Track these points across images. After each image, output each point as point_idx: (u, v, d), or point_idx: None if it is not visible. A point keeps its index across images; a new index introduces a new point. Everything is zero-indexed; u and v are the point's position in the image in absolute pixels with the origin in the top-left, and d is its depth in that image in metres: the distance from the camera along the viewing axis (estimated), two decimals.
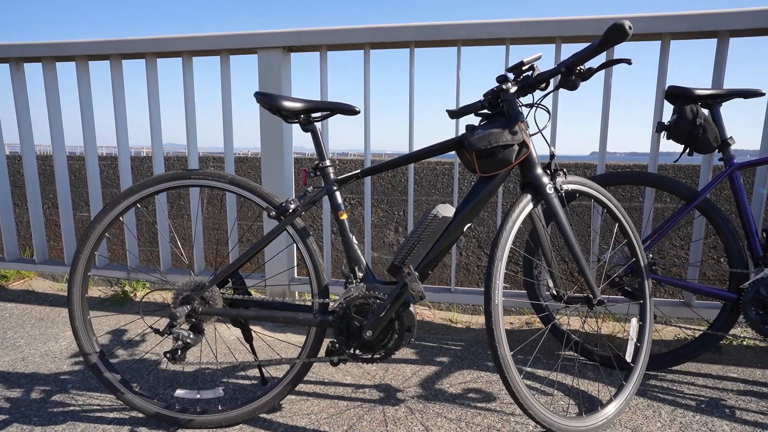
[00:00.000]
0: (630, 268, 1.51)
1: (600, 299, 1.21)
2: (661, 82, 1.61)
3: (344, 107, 1.21)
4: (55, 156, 2.12)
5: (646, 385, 1.44)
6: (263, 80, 1.82)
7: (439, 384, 1.44)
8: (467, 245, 2.73)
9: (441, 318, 2.00)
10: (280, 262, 1.92)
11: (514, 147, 1.12)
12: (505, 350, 1.07)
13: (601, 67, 1.11)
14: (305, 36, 1.74)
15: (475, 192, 1.17)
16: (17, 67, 2.07)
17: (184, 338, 1.12)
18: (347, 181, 1.19)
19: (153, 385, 1.42)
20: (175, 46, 1.87)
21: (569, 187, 1.22)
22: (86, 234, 1.21)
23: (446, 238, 1.16)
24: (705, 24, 1.52)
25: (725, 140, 1.47)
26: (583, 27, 1.55)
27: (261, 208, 1.20)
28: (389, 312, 1.12)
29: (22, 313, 1.99)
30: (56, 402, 1.32)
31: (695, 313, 1.67)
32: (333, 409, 1.30)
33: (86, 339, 1.22)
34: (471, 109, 1.22)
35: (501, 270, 1.10)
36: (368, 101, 1.76)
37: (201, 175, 1.20)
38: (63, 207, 2.15)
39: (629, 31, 0.97)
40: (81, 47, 1.95)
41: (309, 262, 1.19)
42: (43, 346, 1.68)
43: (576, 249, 1.19)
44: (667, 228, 1.54)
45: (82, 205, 3.44)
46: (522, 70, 1.17)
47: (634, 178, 1.58)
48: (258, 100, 1.19)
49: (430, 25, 1.65)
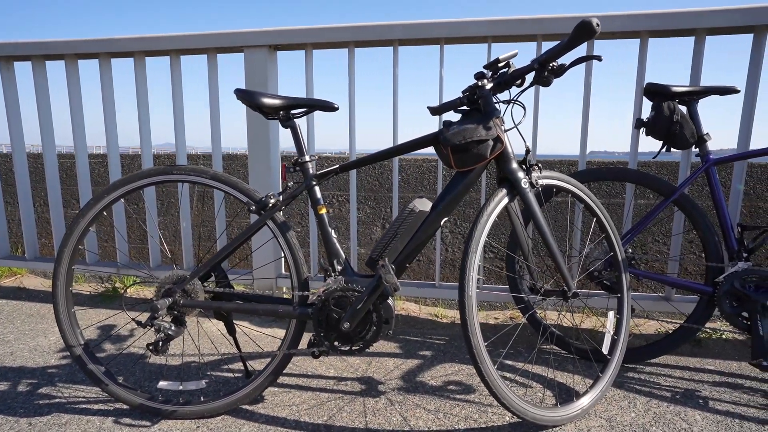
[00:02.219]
0: (608, 262, 1.53)
1: (575, 292, 1.24)
2: (640, 79, 1.63)
3: (323, 104, 1.23)
4: (45, 154, 2.14)
5: (623, 377, 1.47)
6: (250, 78, 1.84)
7: (421, 377, 1.46)
8: (452, 241, 2.76)
9: (426, 313, 2.02)
10: (267, 258, 1.94)
11: (489, 142, 1.14)
12: (478, 340, 1.10)
13: (572, 63, 1.13)
14: (290, 35, 1.76)
15: (451, 187, 1.20)
16: (7, 65, 2.09)
17: (165, 330, 1.14)
18: (326, 176, 1.22)
19: (139, 378, 1.44)
20: (162, 44, 1.89)
21: (545, 182, 1.25)
22: (70, 228, 1.23)
23: (423, 232, 1.19)
24: (682, 22, 1.55)
25: (702, 136, 1.50)
26: (563, 24, 1.57)
27: (242, 203, 1.22)
28: (366, 304, 1.14)
29: (13, 310, 2.01)
30: (42, 394, 1.34)
31: (674, 308, 1.70)
32: (314, 400, 1.32)
33: (71, 331, 1.24)
34: (451, 105, 1.25)
35: (475, 262, 1.12)
36: (353, 98, 1.79)
37: (183, 171, 1.22)
38: (53, 205, 2.17)
39: (597, 29, 1.00)
40: (70, 46, 1.97)
41: (289, 255, 1.22)
42: (32, 341, 1.69)
43: (551, 243, 1.21)
44: (646, 223, 1.56)
45: (73, 202, 3.46)
46: (498, 67, 1.19)
47: (614, 174, 1.60)
48: (238, 97, 1.21)
49: (414, 23, 1.68)
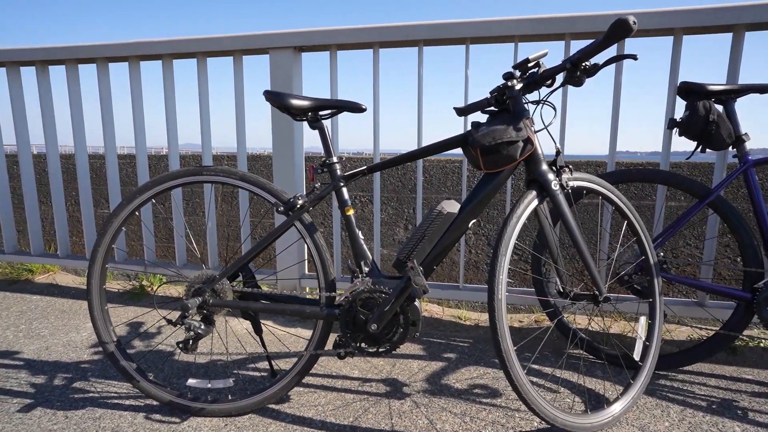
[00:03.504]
0: (639, 265, 1.49)
1: (606, 296, 1.21)
2: (673, 78, 1.58)
3: (351, 105, 1.23)
4: (77, 155, 2.20)
5: (655, 384, 1.42)
6: (275, 79, 1.86)
7: (445, 379, 1.45)
8: (476, 243, 2.73)
9: (450, 315, 2.01)
10: (291, 259, 1.95)
11: (519, 143, 1.12)
12: (508, 344, 1.08)
13: (606, 63, 1.10)
14: (315, 36, 1.77)
15: (479, 188, 1.18)
16: (42, 69, 2.16)
17: (195, 329, 1.16)
18: (353, 177, 1.22)
19: (167, 374, 1.47)
20: (190, 47, 1.92)
21: (575, 184, 1.22)
22: (104, 228, 1.26)
23: (451, 233, 1.18)
24: (720, 18, 1.50)
25: (739, 136, 1.44)
26: (592, 23, 1.54)
27: (270, 203, 1.23)
28: (394, 306, 1.14)
29: (47, 305, 2.08)
30: (77, 389, 1.38)
31: (708, 313, 1.64)
32: (340, 401, 1.33)
33: (104, 328, 1.28)
34: (478, 106, 1.23)
35: (504, 265, 1.10)
36: (377, 99, 1.78)
37: (213, 172, 1.24)
38: (84, 204, 2.23)
39: (633, 27, 0.97)
40: (102, 50, 2.02)
41: (316, 256, 1.22)
42: (65, 337, 1.75)
43: (581, 246, 1.19)
44: (679, 225, 1.52)
45: (102, 202, 3.55)
46: (528, 67, 1.17)
47: (645, 175, 1.56)
48: (267, 98, 1.22)
49: (439, 23, 1.66)
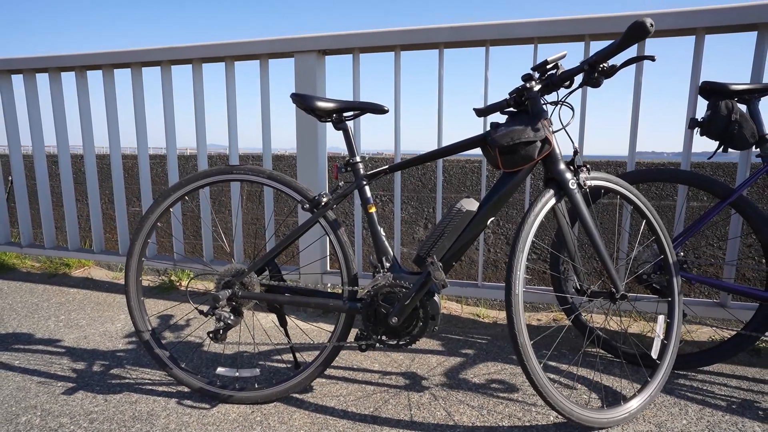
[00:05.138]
0: (659, 264, 1.50)
1: (623, 294, 1.22)
2: (695, 77, 1.58)
3: (374, 107, 1.28)
4: (112, 156, 2.31)
5: (674, 383, 1.43)
6: (299, 81, 1.92)
7: (463, 374, 1.49)
8: (495, 242, 2.74)
9: (468, 312, 2.04)
10: (314, 256, 2.02)
11: (537, 143, 1.15)
12: (525, 339, 1.11)
13: (624, 64, 1.12)
14: (339, 39, 1.83)
15: (498, 187, 1.21)
16: (81, 74, 2.28)
17: (225, 319, 1.22)
18: (376, 176, 1.26)
19: (197, 364, 1.54)
20: (219, 51, 2.01)
21: (593, 183, 1.24)
22: (140, 224, 1.34)
23: (470, 231, 1.21)
24: (743, 17, 1.49)
25: (763, 136, 1.43)
26: (611, 24, 1.55)
27: (296, 201, 1.29)
28: (414, 300, 1.18)
29: (83, 298, 2.19)
30: (114, 375, 1.47)
31: (730, 314, 1.63)
32: (360, 392, 1.38)
33: (140, 318, 1.36)
34: (497, 107, 1.27)
35: (522, 261, 1.13)
36: (398, 100, 1.83)
37: (242, 170, 1.31)
38: (118, 203, 2.34)
39: (651, 29, 0.99)
40: (136, 55, 2.13)
41: (339, 251, 1.27)
42: (101, 327, 1.85)
43: (599, 244, 1.21)
44: (700, 225, 1.51)
45: (133, 200, 3.70)
46: (546, 68, 1.20)
47: (666, 175, 1.56)
48: (294, 100, 1.28)
49: (460, 26, 1.70)
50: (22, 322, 1.89)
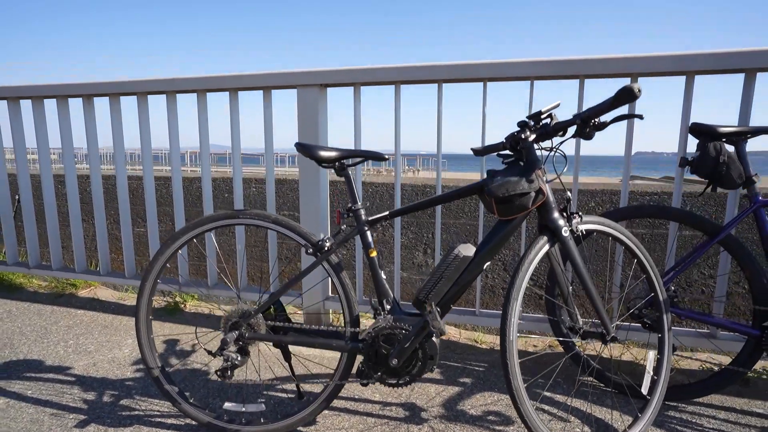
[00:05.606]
0: (650, 301, 1.55)
1: (613, 336, 1.28)
2: (685, 117, 1.63)
3: (374, 155, 1.33)
4: (117, 178, 2.36)
5: (664, 416, 1.48)
6: (301, 114, 1.97)
7: (461, 405, 1.54)
8: (493, 268, 2.80)
9: (466, 338, 2.09)
10: (315, 281, 2.07)
11: (531, 194, 1.20)
12: (519, 383, 1.16)
13: (613, 120, 1.18)
14: (340, 75, 1.88)
15: (494, 233, 1.27)
16: (88, 101, 2.33)
17: (233, 360, 1.28)
18: (377, 222, 1.32)
19: (203, 395, 1.60)
20: (224, 84, 2.06)
21: (585, 228, 1.30)
22: (150, 266, 1.39)
23: (467, 275, 1.26)
24: (732, 63, 1.54)
25: (750, 177, 1.49)
26: (604, 65, 1.60)
27: (300, 245, 1.34)
28: (413, 343, 1.24)
29: (90, 320, 2.25)
30: (124, 406, 1.52)
31: (718, 347, 1.68)
32: (362, 425, 1.43)
33: (150, 356, 1.41)
34: (494, 149, 1.32)
35: (516, 309, 1.19)
36: (398, 134, 1.88)
37: (248, 215, 1.36)
38: (124, 224, 2.39)
39: (638, 94, 1.04)
40: (142, 85, 2.18)
41: (342, 294, 1.33)
42: (109, 353, 1.90)
43: (590, 288, 1.26)
44: (690, 262, 1.57)
45: (139, 221, 3.75)
46: (541, 118, 1.25)
47: (657, 212, 1.61)
48: (298, 149, 1.33)
49: (458, 64, 1.75)
50: (32, 347, 1.94)
